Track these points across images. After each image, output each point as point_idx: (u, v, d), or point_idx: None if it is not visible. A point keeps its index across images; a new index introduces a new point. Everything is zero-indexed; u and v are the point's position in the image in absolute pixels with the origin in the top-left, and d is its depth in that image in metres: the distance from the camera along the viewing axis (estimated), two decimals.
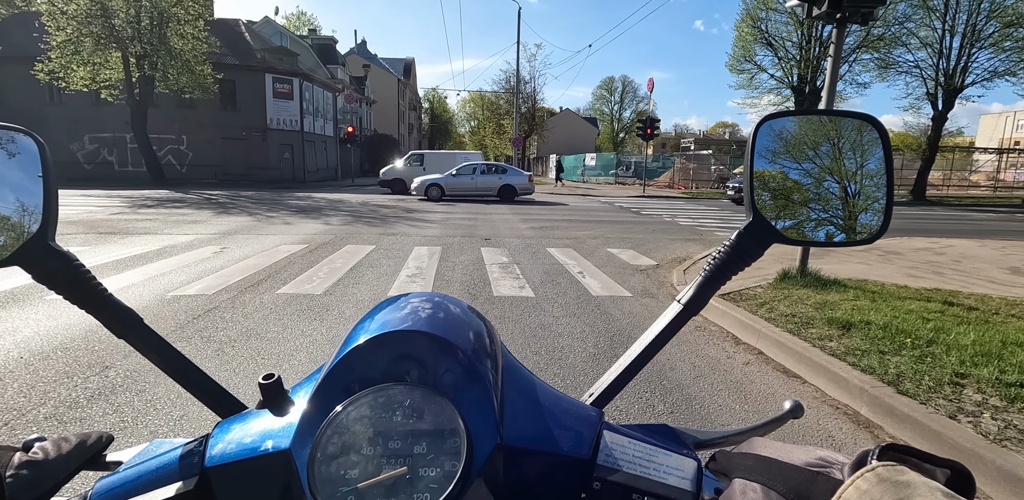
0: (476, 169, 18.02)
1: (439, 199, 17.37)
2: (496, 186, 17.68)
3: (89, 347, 3.34)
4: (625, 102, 72.38)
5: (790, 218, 0.56)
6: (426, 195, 17.44)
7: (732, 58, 27.80)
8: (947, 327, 3.68)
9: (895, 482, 0.28)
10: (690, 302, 0.55)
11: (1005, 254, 7.83)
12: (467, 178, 17.80)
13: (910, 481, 0.28)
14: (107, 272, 5.46)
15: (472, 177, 17.83)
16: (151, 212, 11.83)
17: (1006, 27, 23.23)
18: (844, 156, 0.56)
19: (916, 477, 0.28)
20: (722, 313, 4.38)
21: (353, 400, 0.41)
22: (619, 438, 0.46)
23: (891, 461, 0.31)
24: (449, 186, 17.61)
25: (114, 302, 0.51)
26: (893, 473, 0.29)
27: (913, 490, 0.27)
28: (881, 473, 0.29)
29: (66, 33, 18.90)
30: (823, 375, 3.13)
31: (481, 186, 17.82)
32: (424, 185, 17.47)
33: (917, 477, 0.28)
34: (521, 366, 0.52)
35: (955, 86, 24.69)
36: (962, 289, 5.15)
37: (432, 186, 17.46)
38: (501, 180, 17.74)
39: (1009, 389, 2.70)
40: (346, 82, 41.52)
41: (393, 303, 0.51)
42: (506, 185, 17.69)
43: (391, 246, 7.68)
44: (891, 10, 22.83)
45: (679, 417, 2.67)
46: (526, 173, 18.51)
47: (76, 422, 2.41)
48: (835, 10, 4.52)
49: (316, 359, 3.27)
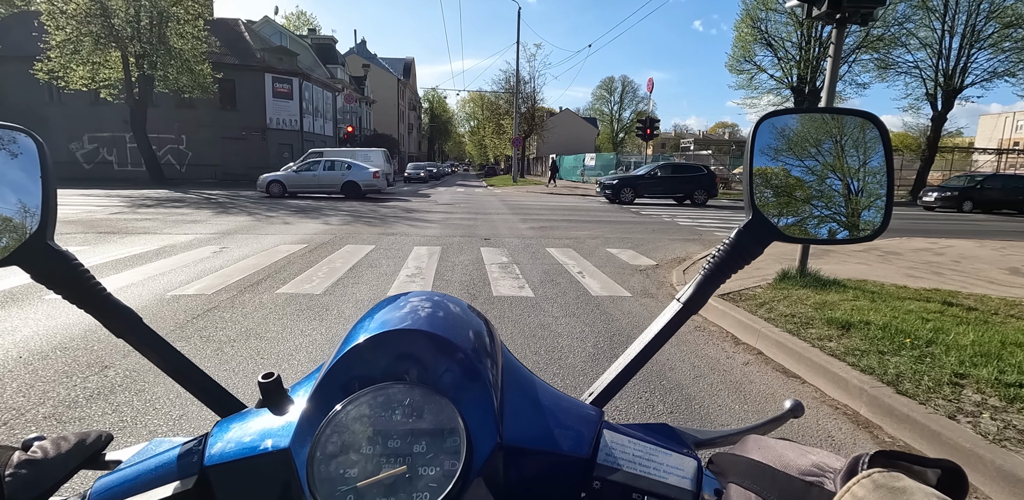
0: (320, 165, 17.56)
1: (281, 196, 17.11)
2: (339, 182, 17.26)
3: (88, 346, 3.34)
4: (625, 102, 72.53)
5: (792, 215, 0.56)
6: (267, 192, 17.18)
7: (732, 58, 27.90)
8: (946, 327, 3.68)
9: (891, 488, 0.28)
10: (689, 301, 0.55)
11: (1004, 255, 7.83)
12: (309, 174, 17.36)
13: (906, 487, 0.28)
14: (106, 272, 5.46)
15: (314, 173, 17.37)
16: (150, 212, 11.82)
17: (1005, 27, 23.28)
18: (847, 153, 0.56)
19: (911, 483, 0.29)
20: (722, 313, 4.38)
21: (352, 399, 0.40)
22: (619, 437, 0.46)
23: (883, 467, 0.31)
24: (291, 182, 17.29)
25: (113, 301, 0.51)
26: (889, 479, 0.29)
27: (909, 496, 0.28)
28: (877, 479, 0.29)
29: (65, 32, 18.90)
30: (822, 375, 3.13)
31: (324, 182, 17.40)
32: (265, 182, 17.28)
33: (912, 482, 0.29)
34: (521, 365, 0.52)
35: (954, 86, 24.73)
36: (961, 289, 5.16)
37: (273, 182, 17.23)
38: (344, 177, 17.25)
39: (1008, 389, 2.70)
40: (346, 82, 41.54)
41: (392, 302, 0.51)
42: (349, 181, 17.24)
43: (391, 246, 7.67)
44: (890, 10, 22.88)
45: (679, 417, 2.67)
46: (372, 169, 17.82)
47: (75, 422, 2.41)
48: (835, 10, 4.52)
49: (316, 359, 3.26)
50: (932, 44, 24.85)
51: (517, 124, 34.03)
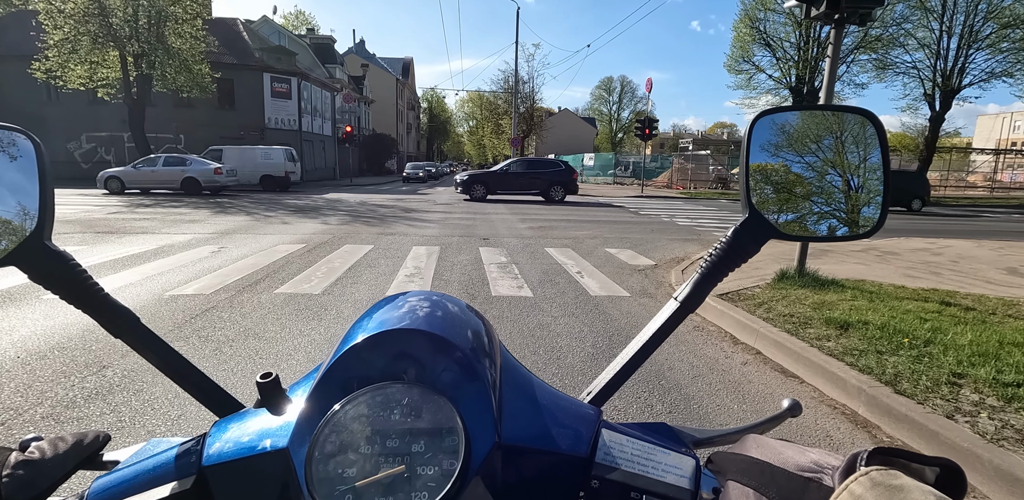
0: (159, 160, 17.69)
1: (121, 192, 17.23)
2: (179, 178, 17.37)
3: (86, 346, 3.33)
4: (623, 102, 72.52)
5: (791, 212, 0.56)
6: (106, 188, 17.29)
7: (730, 58, 27.87)
8: (944, 327, 3.68)
9: (889, 486, 0.28)
10: (687, 299, 0.55)
11: (1002, 255, 7.85)
12: (148, 169, 17.50)
13: (903, 485, 0.28)
14: (104, 271, 5.45)
15: (153, 169, 17.51)
16: (148, 211, 11.81)
17: (1003, 28, 23.31)
18: (847, 149, 0.56)
19: (909, 481, 0.29)
20: (720, 313, 4.39)
21: (351, 399, 0.40)
22: (617, 436, 0.46)
23: (881, 464, 0.31)
24: (128, 178, 17.43)
25: (111, 302, 0.51)
26: (886, 477, 0.29)
27: (907, 494, 0.28)
28: (875, 477, 0.29)
29: (63, 32, 18.83)
30: (821, 375, 3.14)
31: (163, 178, 17.53)
32: (103, 177, 17.43)
33: (910, 481, 0.29)
34: (519, 364, 0.52)
35: (952, 87, 24.77)
36: (959, 289, 5.17)
37: (111, 178, 17.41)
38: (184, 172, 17.37)
39: (1006, 389, 2.71)
40: (344, 81, 41.48)
41: (391, 302, 0.51)
42: (189, 177, 17.34)
43: (389, 246, 7.67)
44: (889, 11, 22.90)
45: (678, 417, 2.67)
46: (214, 165, 17.92)
47: (73, 422, 2.40)
48: (833, 11, 4.52)
49: (314, 359, 3.26)
50: (930, 44, 24.88)
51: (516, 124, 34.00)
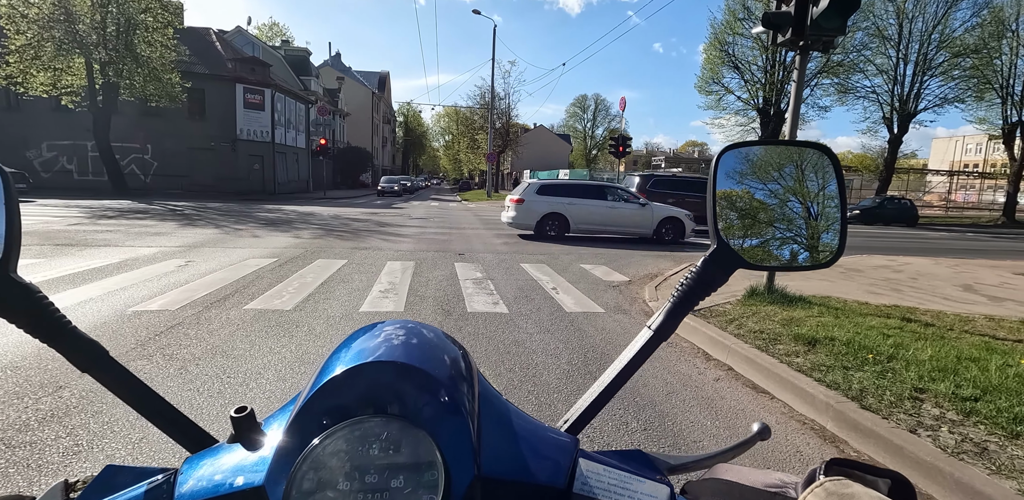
0: None
1: None
2: None
3: (42, 365, 3.18)
4: (598, 120, 73.77)
5: (755, 238, 0.59)
6: None
7: (701, 80, 28.76)
8: (906, 343, 3.81)
9: (841, 495, 0.31)
10: (660, 328, 0.57)
11: (958, 272, 8.19)
12: None
13: (854, 493, 0.31)
14: (63, 286, 5.23)
15: None
16: (112, 223, 11.43)
17: (955, 57, 24.76)
18: (807, 178, 0.60)
19: (860, 489, 0.32)
20: (693, 329, 4.45)
21: (329, 433, 0.40)
22: (594, 466, 0.46)
23: (838, 475, 0.34)
24: None
25: (78, 334, 0.49)
26: (839, 486, 0.32)
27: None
28: (829, 488, 0.32)
29: (26, 37, 18.33)
30: (790, 390, 3.20)
31: None
32: None
33: (861, 489, 0.32)
34: (497, 393, 0.52)
35: (909, 111, 26.09)
36: (919, 305, 5.36)
37: None
38: None
39: (964, 403, 2.81)
40: (319, 94, 41.25)
41: (368, 332, 0.51)
42: None
43: (363, 261, 7.58)
44: (849, 38, 24.03)
45: (652, 434, 2.68)
46: None
47: (25, 446, 2.28)
48: (798, 38, 4.72)
49: (284, 378, 3.18)
50: (888, 71, 26.23)
51: (491, 139, 34.25)
